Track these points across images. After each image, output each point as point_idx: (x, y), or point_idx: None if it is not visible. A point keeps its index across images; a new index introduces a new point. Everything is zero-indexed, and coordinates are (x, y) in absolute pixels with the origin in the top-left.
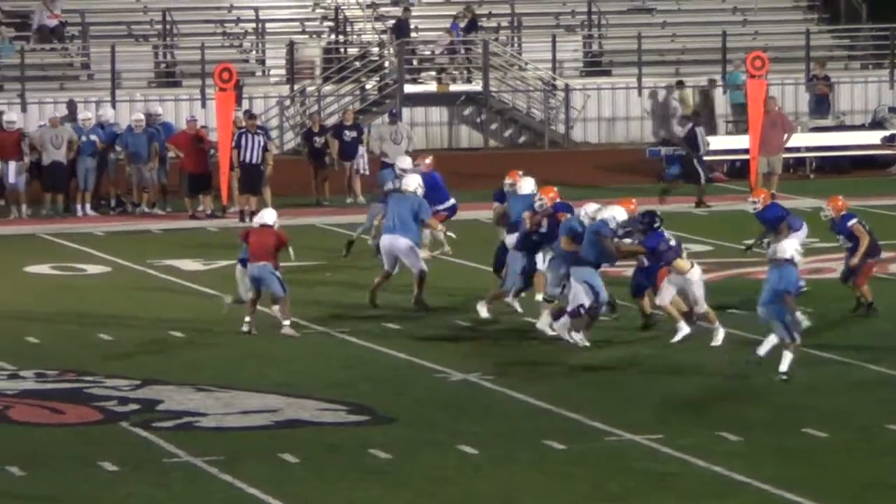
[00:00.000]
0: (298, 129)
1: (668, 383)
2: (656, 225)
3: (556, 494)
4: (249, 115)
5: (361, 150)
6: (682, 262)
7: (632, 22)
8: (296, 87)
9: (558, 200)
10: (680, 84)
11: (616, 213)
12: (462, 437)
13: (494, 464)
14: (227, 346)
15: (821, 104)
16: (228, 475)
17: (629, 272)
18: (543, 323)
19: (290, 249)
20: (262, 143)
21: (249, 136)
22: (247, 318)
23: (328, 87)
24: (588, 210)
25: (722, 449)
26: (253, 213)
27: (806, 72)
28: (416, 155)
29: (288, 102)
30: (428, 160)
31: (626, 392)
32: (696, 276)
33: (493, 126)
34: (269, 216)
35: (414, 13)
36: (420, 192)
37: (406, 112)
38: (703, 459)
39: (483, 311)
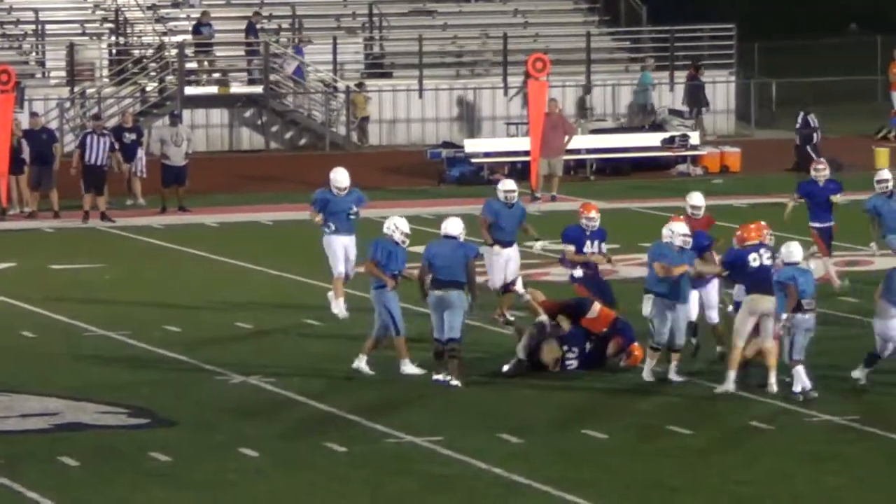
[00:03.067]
0: (78, 130)
1: (448, 386)
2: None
3: (337, 497)
4: (95, 116)
5: (140, 152)
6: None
7: (413, 24)
8: (76, 88)
9: None
10: (360, 85)
11: None
12: (243, 440)
13: (275, 466)
14: (6, 349)
15: None
16: (6, 479)
17: None
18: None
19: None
20: (107, 145)
21: (95, 137)
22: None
23: (109, 89)
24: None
25: (502, 451)
26: (101, 214)
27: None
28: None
29: (68, 104)
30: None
31: (405, 394)
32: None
33: (274, 128)
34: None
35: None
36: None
37: (186, 114)
38: (484, 461)
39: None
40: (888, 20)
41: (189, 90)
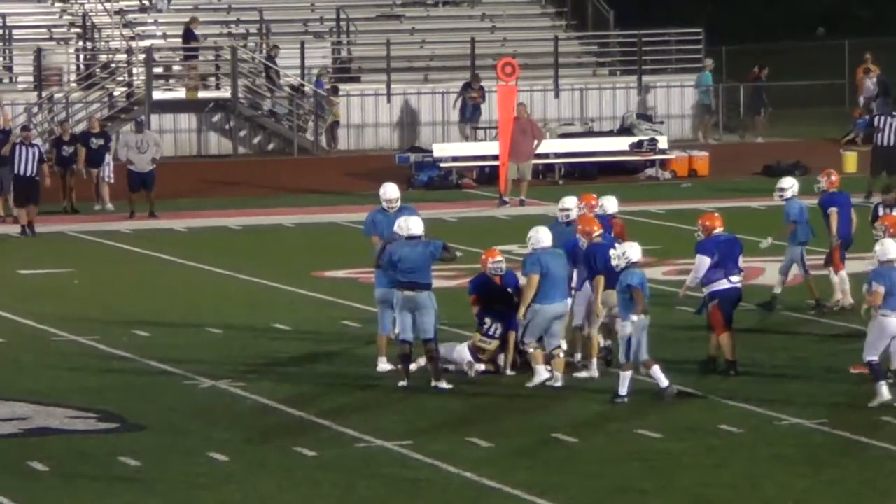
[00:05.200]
0: (47, 136)
1: (418, 390)
2: None
3: (307, 501)
4: (24, 127)
5: (108, 157)
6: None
7: (380, 28)
8: (44, 94)
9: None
10: (334, 90)
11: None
12: (212, 444)
13: (245, 471)
14: None
15: (475, 112)
16: None
17: None
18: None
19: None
20: (36, 155)
21: (24, 148)
22: None
23: (76, 94)
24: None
25: (472, 455)
26: (31, 224)
27: (555, 78)
28: None
29: (36, 109)
30: None
31: (375, 398)
32: None
33: (242, 133)
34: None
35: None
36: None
37: (155, 119)
38: (454, 465)
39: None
40: (856, 24)
41: (157, 95)
